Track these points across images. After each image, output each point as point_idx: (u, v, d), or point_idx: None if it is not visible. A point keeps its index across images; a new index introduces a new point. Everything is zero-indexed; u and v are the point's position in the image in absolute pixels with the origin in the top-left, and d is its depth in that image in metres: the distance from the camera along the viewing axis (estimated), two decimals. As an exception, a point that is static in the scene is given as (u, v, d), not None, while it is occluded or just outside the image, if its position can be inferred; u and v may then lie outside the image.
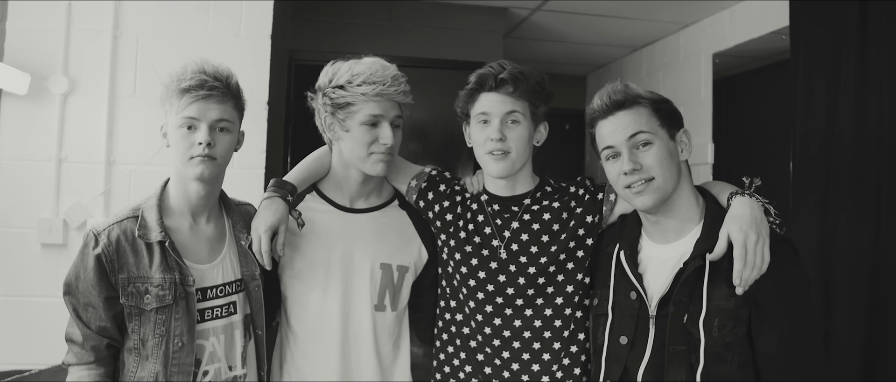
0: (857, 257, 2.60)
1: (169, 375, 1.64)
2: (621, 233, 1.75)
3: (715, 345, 1.53)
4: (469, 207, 1.90)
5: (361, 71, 1.80)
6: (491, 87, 1.79)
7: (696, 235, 1.62)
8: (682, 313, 1.57)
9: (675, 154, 1.64)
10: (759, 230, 1.52)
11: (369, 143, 1.81)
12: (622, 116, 1.63)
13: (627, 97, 1.64)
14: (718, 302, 1.54)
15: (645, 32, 4.49)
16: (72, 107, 2.71)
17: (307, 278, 1.88)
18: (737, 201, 1.60)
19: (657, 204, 1.61)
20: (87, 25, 2.73)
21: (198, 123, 1.66)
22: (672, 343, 1.57)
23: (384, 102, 1.80)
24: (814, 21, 2.86)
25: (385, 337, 1.90)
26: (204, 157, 1.65)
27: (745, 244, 1.50)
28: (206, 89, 1.65)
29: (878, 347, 2.54)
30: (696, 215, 1.66)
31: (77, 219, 2.66)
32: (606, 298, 1.71)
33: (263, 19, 2.81)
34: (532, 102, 1.80)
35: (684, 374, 1.55)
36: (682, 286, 1.57)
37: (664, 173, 1.60)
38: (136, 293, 1.64)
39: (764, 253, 1.50)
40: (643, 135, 1.61)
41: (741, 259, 1.49)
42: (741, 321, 1.53)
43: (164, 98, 1.69)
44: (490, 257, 1.83)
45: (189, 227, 1.74)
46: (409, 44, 4.09)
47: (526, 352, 1.80)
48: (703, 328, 1.53)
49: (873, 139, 2.59)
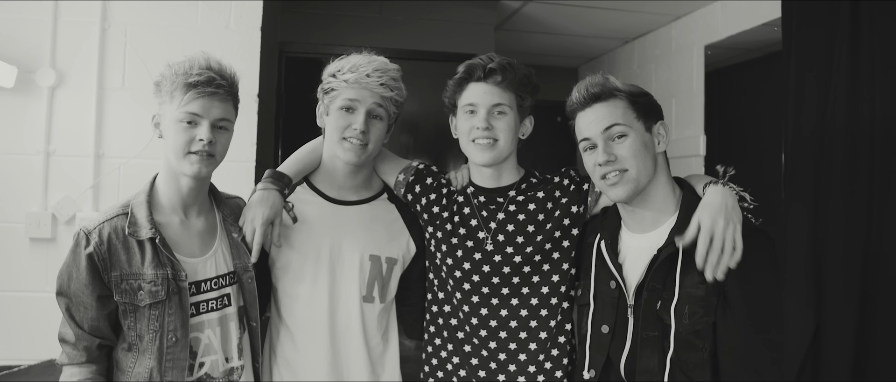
0: (849, 248, 2.61)
1: (163, 370, 1.64)
2: (603, 223, 1.78)
3: (685, 332, 1.55)
4: (455, 200, 1.92)
5: (349, 60, 1.87)
6: (479, 77, 1.81)
7: (672, 224, 1.64)
8: (655, 300, 1.60)
9: (650, 146, 1.66)
10: (728, 217, 1.53)
11: (343, 128, 1.85)
12: (599, 109, 1.66)
13: (604, 90, 1.66)
14: (689, 290, 1.56)
15: (637, 24, 4.49)
16: (60, 100, 2.68)
17: (296, 269, 1.89)
18: (710, 189, 1.62)
19: (631, 195, 1.64)
20: (74, 18, 2.70)
21: (200, 119, 1.66)
22: (645, 329, 1.60)
23: (362, 89, 1.84)
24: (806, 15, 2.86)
25: (374, 329, 1.92)
26: (204, 154, 1.66)
27: (711, 229, 1.51)
28: (213, 87, 1.66)
29: (870, 339, 2.55)
30: (672, 206, 1.68)
31: (66, 213, 2.64)
32: (588, 288, 1.75)
33: (253, 11, 2.79)
34: (519, 94, 1.82)
35: (657, 360, 1.58)
36: (656, 273, 1.60)
37: (638, 165, 1.62)
38: (130, 290, 1.64)
39: (734, 239, 1.51)
40: (618, 127, 1.63)
41: (705, 243, 1.51)
42: (711, 308, 1.55)
43: (164, 89, 1.67)
44: (475, 247, 1.85)
45: (180, 221, 1.74)
46: (401, 36, 4.07)
47: (513, 342, 1.81)
48: (675, 315, 1.55)
49: (865, 132, 2.60)
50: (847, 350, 2.58)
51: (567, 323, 1.83)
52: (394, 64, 1.92)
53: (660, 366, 1.58)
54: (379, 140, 1.89)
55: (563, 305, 1.82)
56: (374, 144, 1.87)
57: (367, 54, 1.90)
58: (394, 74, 1.89)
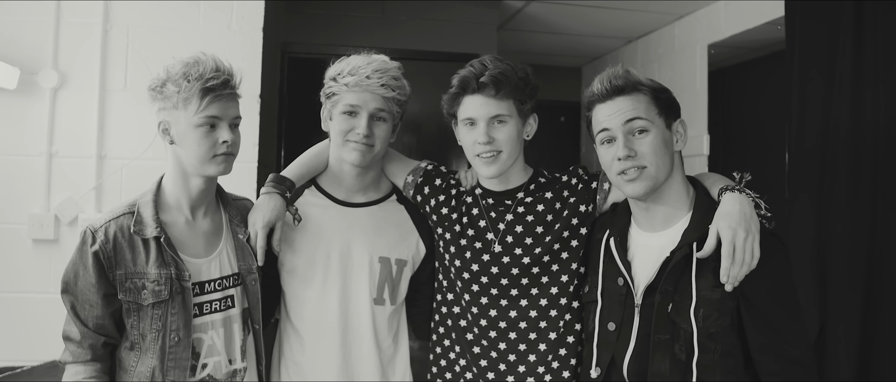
0: (853, 248, 2.60)
1: (165, 370, 1.65)
2: (612, 220, 1.77)
3: (699, 335, 1.54)
4: (464, 201, 1.91)
5: (349, 63, 1.85)
6: (473, 89, 1.77)
7: (685, 224, 1.62)
8: (666, 302, 1.58)
9: (669, 144, 1.64)
10: (748, 227, 1.51)
11: (346, 132, 1.84)
12: (621, 102, 1.63)
13: (628, 83, 1.63)
14: (704, 293, 1.55)
15: (640, 23, 4.48)
16: (62, 101, 2.68)
17: (306, 273, 1.88)
18: (727, 197, 1.59)
19: (648, 192, 1.62)
20: (76, 19, 2.70)
21: (220, 121, 1.68)
22: (657, 332, 1.59)
23: (363, 92, 1.82)
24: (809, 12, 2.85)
25: (384, 331, 1.91)
26: (227, 155, 1.69)
27: (733, 241, 1.49)
28: (229, 88, 1.68)
29: (874, 339, 2.55)
30: (685, 205, 1.66)
31: (68, 214, 2.64)
32: (596, 284, 1.73)
33: (255, 12, 2.79)
34: (517, 99, 1.78)
35: (668, 363, 1.57)
36: (668, 275, 1.58)
37: (657, 162, 1.60)
38: (134, 288, 1.64)
39: (754, 249, 1.50)
40: (640, 121, 1.61)
41: (729, 257, 1.49)
42: (726, 312, 1.54)
43: (174, 96, 1.65)
44: (484, 249, 1.84)
45: (185, 222, 1.74)
46: (403, 36, 4.07)
47: (522, 343, 1.80)
48: (693, 318, 1.54)
49: (869, 132, 2.60)
50: (852, 349, 2.58)
51: (577, 324, 1.81)
52: (394, 62, 1.89)
53: (671, 370, 1.56)
54: (385, 140, 1.88)
55: (572, 305, 1.81)
56: (379, 144, 1.86)
57: (366, 55, 1.88)
58: (394, 73, 1.86)
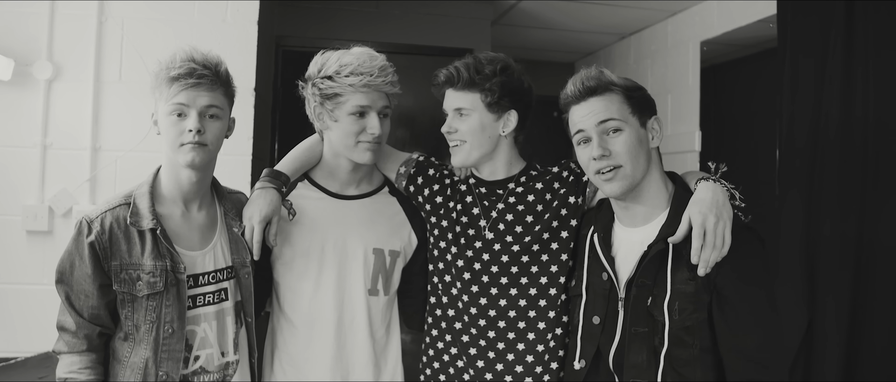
0: (842, 244, 2.62)
1: (159, 361, 1.66)
2: (597, 216, 1.79)
3: (675, 328, 1.56)
4: (458, 189, 1.94)
5: (349, 62, 1.82)
6: (449, 84, 1.85)
7: (663, 220, 1.64)
8: (645, 295, 1.60)
9: (644, 142, 1.66)
10: (719, 213, 1.54)
11: (357, 132, 1.84)
12: (594, 102, 1.65)
13: (600, 84, 1.66)
14: (679, 286, 1.57)
15: (633, 20, 4.49)
16: (56, 93, 2.68)
17: (301, 265, 1.89)
18: (701, 185, 1.63)
19: (625, 191, 1.64)
20: (71, 11, 2.69)
21: (187, 109, 1.66)
22: (634, 324, 1.61)
23: (371, 92, 1.82)
24: (801, 10, 2.87)
25: (379, 322, 1.93)
26: (194, 144, 1.66)
27: (703, 225, 1.52)
28: (196, 77, 1.66)
29: (862, 335, 2.57)
30: (664, 201, 1.68)
31: (63, 206, 2.64)
32: (581, 278, 1.75)
33: (249, 5, 2.79)
34: (484, 91, 1.81)
35: (645, 355, 1.59)
36: (645, 268, 1.60)
37: (632, 161, 1.62)
38: (129, 279, 1.65)
39: (724, 235, 1.52)
40: (613, 122, 1.63)
41: (699, 238, 1.52)
42: (701, 305, 1.56)
43: (154, 86, 1.69)
44: (475, 237, 1.87)
45: (181, 214, 1.75)
46: (397, 30, 4.07)
47: (511, 331, 1.83)
48: (667, 311, 1.56)
49: (859, 129, 2.61)
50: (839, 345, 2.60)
51: (565, 315, 1.83)
52: (381, 54, 1.89)
53: (648, 362, 1.58)
54: (387, 135, 1.90)
55: (561, 296, 1.83)
56: (384, 140, 1.90)
57: (360, 51, 1.86)
58: (392, 68, 1.88)
